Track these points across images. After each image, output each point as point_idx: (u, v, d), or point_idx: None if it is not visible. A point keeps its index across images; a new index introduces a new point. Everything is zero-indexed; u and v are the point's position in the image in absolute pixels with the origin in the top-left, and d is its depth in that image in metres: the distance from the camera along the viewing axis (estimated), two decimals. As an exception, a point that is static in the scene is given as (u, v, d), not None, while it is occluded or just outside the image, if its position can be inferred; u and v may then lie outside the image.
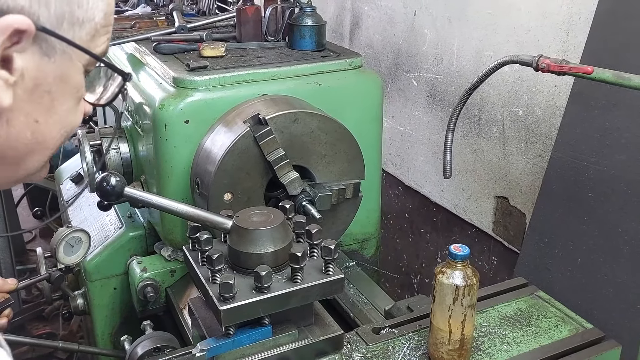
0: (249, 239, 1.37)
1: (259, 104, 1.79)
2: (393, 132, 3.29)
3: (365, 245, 2.26)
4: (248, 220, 1.40)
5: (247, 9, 2.14)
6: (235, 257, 1.39)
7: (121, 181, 1.37)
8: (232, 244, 1.40)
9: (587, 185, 1.94)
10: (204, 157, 1.74)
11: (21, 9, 0.72)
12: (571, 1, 2.17)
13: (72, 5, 0.78)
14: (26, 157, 0.83)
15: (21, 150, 0.81)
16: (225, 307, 1.29)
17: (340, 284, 1.40)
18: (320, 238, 1.42)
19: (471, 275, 1.39)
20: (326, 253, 1.37)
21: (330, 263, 1.38)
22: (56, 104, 0.81)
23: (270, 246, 1.37)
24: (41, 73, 0.78)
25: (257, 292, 1.32)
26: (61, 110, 0.82)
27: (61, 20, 0.77)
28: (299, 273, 1.35)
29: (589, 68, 1.48)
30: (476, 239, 2.86)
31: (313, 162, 1.79)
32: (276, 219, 1.41)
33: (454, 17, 2.72)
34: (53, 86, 0.80)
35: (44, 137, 0.82)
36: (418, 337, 1.56)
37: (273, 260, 1.38)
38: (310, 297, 1.39)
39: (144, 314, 1.96)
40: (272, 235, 1.38)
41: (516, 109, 2.48)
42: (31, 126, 0.80)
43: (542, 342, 1.53)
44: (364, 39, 3.40)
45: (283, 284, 1.36)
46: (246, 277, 1.36)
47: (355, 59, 2.02)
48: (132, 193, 1.40)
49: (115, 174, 1.37)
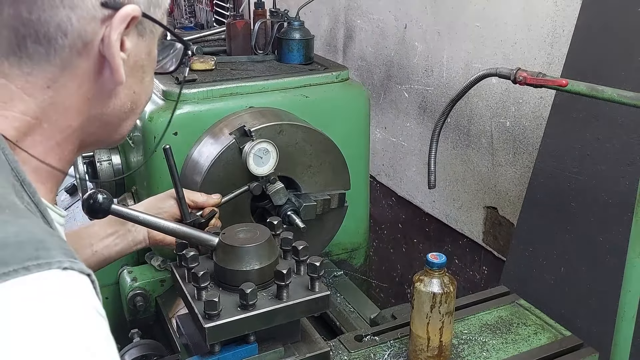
0: (234, 256, 1.37)
1: (246, 116, 1.84)
2: (386, 143, 3.33)
3: (354, 255, 2.30)
4: (234, 237, 1.39)
5: (237, 24, 2.19)
6: (222, 274, 1.39)
7: (108, 198, 1.35)
8: (218, 261, 1.39)
9: (569, 195, 1.97)
10: (191, 168, 1.78)
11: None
12: (555, 15, 2.21)
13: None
14: (123, 122, 1.00)
15: (122, 118, 0.98)
16: (209, 324, 1.28)
17: (326, 301, 1.40)
18: (307, 255, 1.42)
19: (448, 283, 1.42)
20: (312, 270, 1.37)
21: (316, 280, 1.38)
22: (145, 75, 0.98)
23: (256, 263, 1.37)
24: (138, 51, 0.93)
25: (242, 310, 1.32)
26: (146, 80, 0.99)
27: (150, 5, 0.91)
28: (284, 290, 1.35)
29: (563, 81, 1.51)
30: (467, 248, 2.89)
31: (298, 173, 1.83)
32: (262, 235, 1.40)
33: (443, 31, 2.76)
34: (145, 61, 0.96)
35: (137, 105, 0.99)
36: (399, 344, 1.59)
37: (259, 277, 1.37)
38: (295, 314, 1.39)
39: (134, 322, 1.99)
40: (258, 252, 1.37)
41: (504, 120, 2.52)
42: (131, 97, 0.96)
43: (521, 349, 1.56)
44: (357, 51, 3.45)
45: (268, 301, 1.35)
46: (232, 295, 1.35)
47: (341, 72, 2.07)
48: (119, 210, 1.38)
49: (102, 191, 1.35)
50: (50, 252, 0.67)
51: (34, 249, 0.66)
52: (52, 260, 0.66)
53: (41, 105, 0.87)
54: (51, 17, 0.82)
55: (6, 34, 0.83)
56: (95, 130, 0.96)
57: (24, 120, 0.86)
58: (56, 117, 0.89)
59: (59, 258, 0.67)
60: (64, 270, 0.67)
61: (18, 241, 0.66)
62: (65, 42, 0.84)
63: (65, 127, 0.91)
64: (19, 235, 0.67)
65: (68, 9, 0.82)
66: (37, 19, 0.82)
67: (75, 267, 0.68)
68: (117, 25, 0.85)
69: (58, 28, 0.83)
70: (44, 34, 0.83)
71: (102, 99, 0.92)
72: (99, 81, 0.90)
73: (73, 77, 0.87)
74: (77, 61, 0.86)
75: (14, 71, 0.85)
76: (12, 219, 0.70)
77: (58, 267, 0.66)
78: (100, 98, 0.92)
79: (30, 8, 0.81)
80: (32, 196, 0.80)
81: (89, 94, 0.90)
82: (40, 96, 0.87)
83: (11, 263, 0.63)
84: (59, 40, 0.83)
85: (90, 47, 0.86)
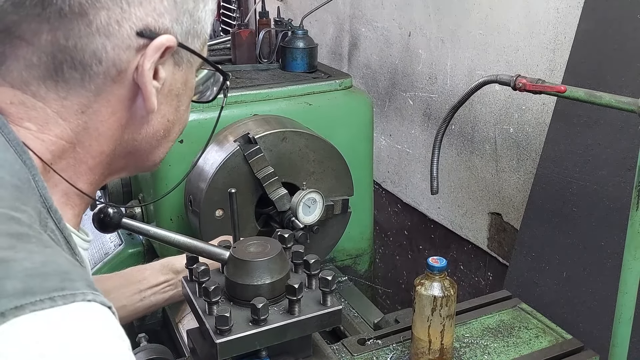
0: (245, 270, 1.34)
1: (250, 123, 1.87)
2: (391, 150, 3.35)
3: (358, 261, 2.32)
4: (245, 251, 1.37)
5: (242, 33, 2.22)
6: (232, 289, 1.37)
7: (118, 212, 1.35)
8: (228, 275, 1.37)
9: (571, 200, 1.99)
10: (196, 175, 1.81)
11: (167, 30, 0.89)
12: (557, 22, 2.23)
13: (194, 22, 0.94)
14: (155, 150, 1.01)
15: (154, 145, 0.99)
16: (221, 340, 1.27)
17: (339, 316, 1.37)
18: (319, 268, 1.40)
19: (449, 286, 1.45)
20: (324, 284, 1.35)
21: (329, 294, 1.35)
22: (180, 104, 0.99)
23: (267, 277, 1.34)
24: (174, 80, 0.95)
25: (254, 325, 1.30)
26: (182, 109, 1.00)
27: (188, 35, 0.93)
28: (296, 305, 1.32)
29: (562, 87, 1.53)
30: (472, 255, 2.90)
31: (301, 179, 1.85)
32: (273, 249, 1.37)
33: (446, 38, 2.79)
34: (180, 90, 0.97)
35: (170, 133, 1.00)
36: (402, 347, 1.61)
37: (270, 291, 1.35)
38: (308, 329, 1.36)
39: (141, 328, 2.02)
40: (269, 267, 1.35)
41: (507, 127, 2.54)
42: (164, 125, 0.98)
43: (522, 352, 1.58)
44: (362, 59, 3.48)
45: (280, 316, 1.33)
46: (243, 309, 1.33)
47: (345, 80, 2.10)
48: (130, 224, 1.39)
49: (112, 205, 1.35)
50: (74, 283, 0.68)
51: (60, 280, 0.67)
52: (76, 292, 0.67)
53: (75, 129, 0.89)
54: (87, 45, 0.84)
55: (44, 59, 0.85)
56: (127, 157, 0.98)
57: (59, 143, 0.88)
58: (89, 142, 0.91)
59: (83, 290, 0.68)
60: (88, 302, 0.68)
61: (44, 272, 0.67)
62: (99, 69, 0.86)
63: (98, 152, 0.92)
64: (46, 265, 0.68)
65: (104, 37, 0.84)
66: (74, 46, 0.84)
67: (97, 299, 0.69)
68: (151, 55, 0.87)
69: (93, 55, 0.85)
70: (80, 61, 0.85)
71: (134, 125, 0.94)
72: (132, 108, 0.92)
73: (107, 103, 0.89)
74: (111, 88, 0.88)
75: (50, 95, 0.87)
76: (39, 249, 0.71)
77: (82, 300, 0.67)
78: (132, 125, 0.94)
79: (67, 35, 0.83)
80: (57, 222, 0.81)
81: (122, 120, 0.92)
82: (74, 121, 0.89)
83: (38, 293, 0.64)
84: (93, 67, 0.86)
85: (124, 74, 0.88)
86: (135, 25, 0.86)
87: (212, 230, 1.77)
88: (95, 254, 2.16)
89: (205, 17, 0.96)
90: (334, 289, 1.36)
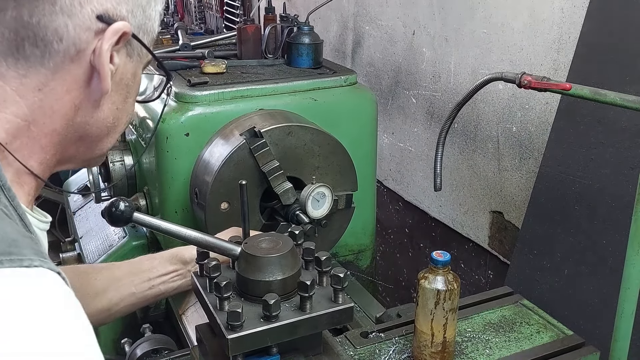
0: (257, 266, 1.33)
1: (256, 118, 1.88)
2: (393, 148, 3.37)
3: (360, 257, 2.33)
4: (257, 247, 1.36)
5: (248, 28, 2.24)
6: (244, 285, 1.35)
7: (130, 206, 1.34)
8: (240, 271, 1.36)
9: (573, 198, 2.00)
10: (202, 168, 1.83)
11: (123, 18, 0.94)
12: (561, 21, 2.24)
13: (146, 18, 1.00)
14: (104, 139, 1.05)
15: (102, 132, 1.03)
16: (232, 335, 1.25)
17: (350, 313, 1.36)
18: (330, 265, 1.39)
19: (452, 280, 1.46)
20: (335, 281, 1.33)
21: (340, 292, 1.34)
22: (128, 96, 1.04)
23: (278, 274, 1.33)
24: (125, 70, 1.00)
25: (265, 321, 1.28)
26: (129, 101, 1.05)
27: (140, 30, 0.99)
28: (307, 302, 1.31)
29: (567, 85, 1.55)
30: (473, 253, 2.92)
31: (306, 174, 1.87)
32: (285, 246, 1.36)
33: (450, 37, 2.80)
34: (130, 81, 1.03)
35: (119, 122, 1.05)
36: (404, 341, 1.62)
37: (281, 288, 1.33)
38: (319, 326, 1.35)
39: (145, 319, 2.03)
40: (281, 263, 1.33)
41: (510, 126, 2.55)
42: (113, 112, 1.02)
43: (523, 347, 1.59)
44: (365, 57, 3.49)
45: (292, 313, 1.31)
46: (254, 305, 1.32)
47: (350, 76, 2.11)
48: (141, 219, 1.37)
49: (124, 199, 1.34)
50: (22, 250, 0.71)
51: (7, 245, 0.71)
52: (23, 258, 0.70)
53: (31, 107, 0.92)
54: (50, 22, 0.88)
55: (7, 35, 0.89)
56: (77, 143, 1.01)
57: (15, 122, 0.92)
58: (43, 120, 0.94)
59: (30, 256, 0.71)
60: (35, 267, 0.70)
61: None
62: (60, 47, 0.90)
63: (50, 131, 0.96)
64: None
65: (66, 16, 0.89)
66: (37, 23, 0.88)
67: (45, 265, 0.72)
68: (109, 38, 0.92)
69: (55, 33, 0.89)
70: (42, 38, 0.89)
71: (87, 107, 0.98)
72: (86, 90, 0.96)
73: (63, 82, 0.93)
74: (69, 67, 0.93)
75: (10, 73, 0.90)
76: None
77: (29, 265, 0.70)
78: (86, 106, 0.98)
79: (31, 12, 0.87)
80: (11, 200, 0.84)
81: (75, 100, 0.96)
82: (31, 98, 0.92)
83: None
84: (54, 44, 0.90)
85: (82, 55, 0.93)
86: (96, 8, 0.91)
87: (217, 222, 1.78)
88: (99, 246, 2.18)
89: (155, 16, 1.02)
90: (346, 286, 1.34)
